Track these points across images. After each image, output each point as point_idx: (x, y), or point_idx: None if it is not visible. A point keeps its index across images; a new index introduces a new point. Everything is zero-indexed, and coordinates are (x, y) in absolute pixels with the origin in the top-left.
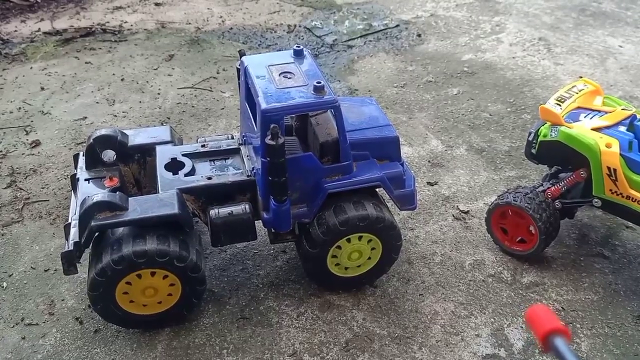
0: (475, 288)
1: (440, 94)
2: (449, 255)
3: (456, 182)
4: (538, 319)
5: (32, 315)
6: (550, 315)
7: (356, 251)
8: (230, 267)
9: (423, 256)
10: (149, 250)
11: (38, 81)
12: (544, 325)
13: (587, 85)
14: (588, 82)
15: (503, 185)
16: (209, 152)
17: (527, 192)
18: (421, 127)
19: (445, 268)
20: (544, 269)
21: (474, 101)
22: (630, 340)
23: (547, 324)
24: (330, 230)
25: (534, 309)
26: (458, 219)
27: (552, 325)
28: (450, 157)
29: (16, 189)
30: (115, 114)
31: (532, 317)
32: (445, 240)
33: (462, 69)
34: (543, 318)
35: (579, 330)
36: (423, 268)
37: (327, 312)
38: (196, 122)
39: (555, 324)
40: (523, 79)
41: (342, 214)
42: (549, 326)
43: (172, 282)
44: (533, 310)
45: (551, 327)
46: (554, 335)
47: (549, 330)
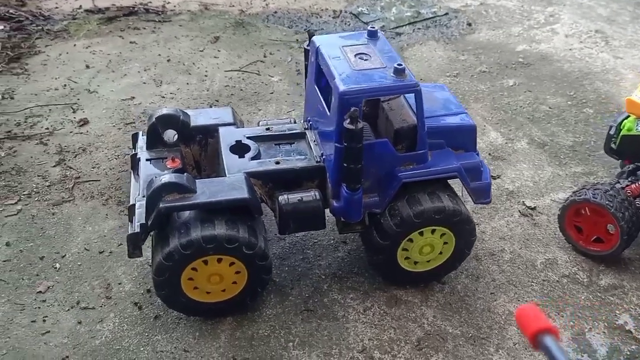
0: (549, 289)
1: (496, 85)
2: (518, 253)
3: (520, 177)
4: (527, 318)
5: (88, 298)
6: (539, 314)
7: (428, 245)
8: (290, 256)
9: (491, 253)
10: (218, 236)
11: (82, 59)
12: (533, 324)
13: None
14: None
15: (570, 182)
16: (274, 135)
17: (607, 189)
18: (478, 119)
19: (515, 266)
20: (622, 270)
21: (531, 93)
22: None
23: (536, 323)
24: (404, 222)
25: (523, 308)
26: (525, 215)
27: (541, 324)
28: (512, 150)
29: (65, 167)
30: (162, 95)
31: (521, 317)
32: (513, 237)
33: (517, 59)
34: (532, 317)
35: None
36: (492, 265)
37: (394, 308)
38: (245, 106)
39: (544, 323)
40: (582, 71)
41: (417, 205)
42: (538, 325)
43: (238, 270)
44: (522, 309)
45: (540, 327)
46: (543, 335)
47: (538, 329)
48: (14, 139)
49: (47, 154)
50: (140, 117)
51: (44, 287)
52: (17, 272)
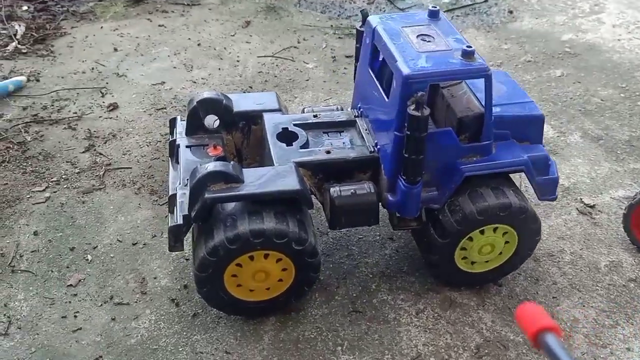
0: (616, 294)
1: (542, 76)
2: (579, 254)
3: (575, 172)
4: (528, 316)
5: (122, 293)
6: (541, 312)
7: (489, 244)
8: (334, 252)
9: (550, 253)
10: (267, 230)
11: (110, 41)
12: (534, 323)
13: None
14: None
15: (629, 179)
16: (322, 123)
17: None
18: None
19: (577, 268)
20: None
21: (581, 84)
22: None
23: (537, 322)
24: (466, 219)
25: (524, 306)
26: (583, 213)
27: (543, 322)
28: (564, 144)
29: (95, 153)
30: (194, 80)
31: (522, 315)
32: (573, 237)
33: (563, 49)
34: (533, 316)
35: None
36: (552, 267)
37: (449, 311)
38: (281, 93)
39: (546, 322)
40: (633, 63)
41: (481, 201)
42: (540, 324)
43: (285, 267)
44: (523, 308)
45: (542, 325)
46: (545, 333)
47: (540, 327)
48: (40, 122)
49: (76, 139)
50: (172, 102)
51: (75, 280)
52: (46, 263)
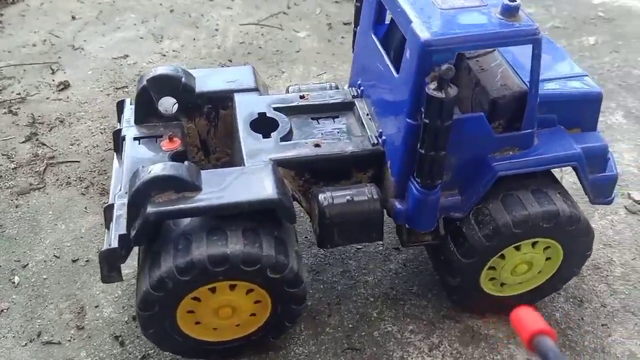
0: None
1: (574, 44)
2: (631, 266)
3: (619, 161)
4: (522, 320)
5: (53, 328)
6: (535, 316)
7: (525, 263)
8: (326, 268)
9: (596, 266)
10: (232, 254)
11: (68, 9)
12: (529, 326)
13: None
14: None
15: None
16: (311, 106)
17: None
18: None
19: (631, 285)
20: None
21: (619, 54)
22: None
23: (532, 325)
24: (499, 233)
25: (518, 311)
26: (633, 212)
27: (537, 326)
28: (604, 125)
29: (37, 144)
30: (163, 53)
31: (516, 319)
32: (623, 243)
33: (597, 14)
34: (528, 319)
35: None
36: (599, 284)
37: (472, 346)
38: (266, 68)
39: (540, 325)
40: None
41: (519, 208)
42: (534, 327)
43: (258, 299)
44: (517, 312)
45: (536, 329)
46: (539, 337)
47: (535, 331)
48: None
49: (16, 126)
50: (135, 80)
51: None
52: None
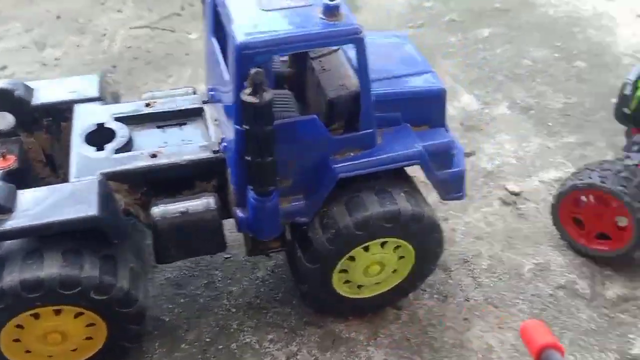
0: (541, 307)
1: (469, 37)
2: (499, 257)
3: (500, 152)
4: (532, 334)
5: None
6: (544, 330)
7: (377, 263)
8: (190, 281)
9: (464, 260)
10: (48, 278)
11: None
12: (537, 340)
13: None
14: None
15: (562, 156)
16: (156, 114)
17: (620, 170)
18: (448, 79)
19: (496, 277)
20: (634, 276)
21: (511, 45)
22: None
23: (540, 339)
24: (342, 236)
25: (528, 324)
26: (507, 203)
27: (546, 340)
28: (489, 117)
29: None
30: (44, 62)
31: (526, 332)
32: (493, 235)
33: (494, 5)
34: (537, 333)
35: None
36: (466, 277)
37: (331, 351)
38: (153, 72)
39: (549, 339)
40: (571, 17)
41: (360, 210)
42: (543, 341)
43: (91, 322)
44: (526, 325)
45: (545, 343)
46: (548, 351)
47: (544, 345)
48: None
49: None
50: None
51: None
52: None
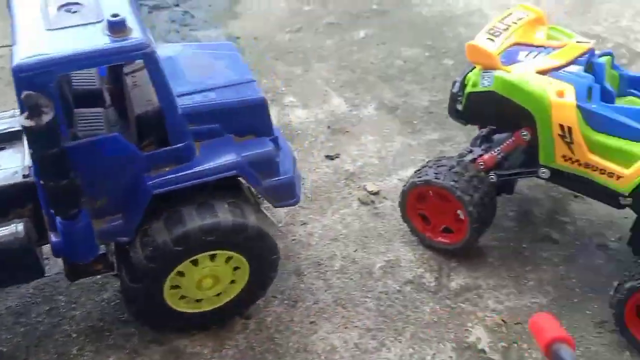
0: (388, 303)
1: (345, 39)
2: (352, 258)
3: (363, 153)
4: (541, 327)
5: None
6: (554, 323)
7: (209, 277)
8: (31, 308)
9: (318, 262)
10: None
11: None
12: (547, 333)
13: (527, 13)
14: (528, 8)
15: (423, 153)
16: None
17: (453, 165)
18: (320, 82)
19: (347, 277)
20: (477, 265)
21: (385, 46)
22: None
23: (550, 333)
24: (161, 253)
25: (537, 317)
26: (365, 203)
27: (555, 334)
28: (356, 119)
29: None
30: None
31: (535, 326)
32: (349, 236)
33: (371, 6)
34: (546, 326)
35: (526, 353)
36: (317, 280)
37: None
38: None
39: (558, 333)
40: (443, 15)
41: (178, 225)
42: (552, 335)
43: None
44: (536, 318)
45: (554, 336)
46: (557, 345)
47: (552, 339)
48: None
49: None
50: None
51: None
52: None
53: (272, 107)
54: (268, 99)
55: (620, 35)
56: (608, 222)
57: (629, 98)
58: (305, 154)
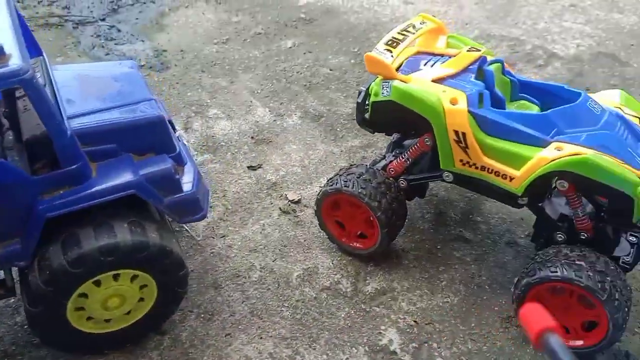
0: (304, 311)
1: (272, 49)
2: (271, 268)
3: (286, 163)
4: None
5: None
6: (543, 313)
7: (115, 296)
8: None
9: (236, 274)
10: None
11: None
12: (537, 324)
13: (425, 22)
14: (427, 17)
15: (344, 160)
16: None
17: (362, 173)
18: (245, 93)
19: (265, 287)
20: (392, 268)
21: (312, 54)
22: (500, 354)
23: (540, 323)
24: (58, 276)
25: (527, 307)
26: (286, 212)
27: (545, 323)
28: (280, 129)
29: None
30: None
31: (525, 316)
32: (268, 246)
33: (299, 15)
34: (536, 316)
35: (435, 352)
36: (234, 292)
37: None
38: None
39: (547, 322)
40: (369, 22)
41: (74, 247)
42: (542, 325)
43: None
44: (526, 308)
45: (544, 326)
46: (547, 334)
47: (542, 329)
48: None
49: None
50: None
51: None
52: None
53: (197, 119)
54: (192, 112)
55: (537, 37)
56: (518, 219)
57: (520, 102)
58: (227, 165)
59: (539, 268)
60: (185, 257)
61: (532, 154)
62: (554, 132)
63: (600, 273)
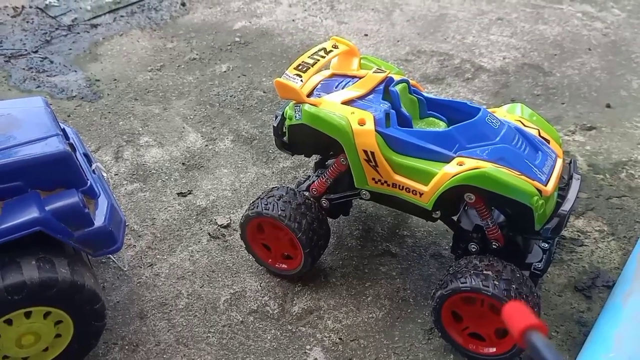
0: (230, 336)
1: (206, 74)
2: (198, 294)
3: (217, 187)
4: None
5: None
6: (526, 311)
7: (29, 334)
8: None
9: (162, 303)
10: None
11: None
12: (520, 321)
13: (337, 46)
14: (339, 40)
15: (276, 181)
16: None
17: (282, 195)
18: (178, 120)
19: (191, 314)
20: (320, 287)
21: (246, 77)
22: None
23: (523, 321)
24: None
25: (510, 306)
26: (215, 237)
27: (528, 321)
28: (212, 153)
29: None
30: None
31: (508, 314)
32: (196, 273)
33: (234, 39)
34: (519, 315)
35: None
36: (160, 321)
37: None
38: None
39: (530, 320)
40: (304, 43)
41: None
42: (525, 322)
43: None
44: (509, 307)
45: (527, 324)
46: (530, 331)
47: (526, 326)
48: None
49: None
50: None
51: None
52: None
53: (127, 148)
54: (124, 141)
55: (465, 51)
56: (444, 231)
57: (429, 119)
58: (157, 193)
59: (451, 280)
60: (100, 290)
61: (438, 170)
62: (457, 147)
63: (505, 281)
